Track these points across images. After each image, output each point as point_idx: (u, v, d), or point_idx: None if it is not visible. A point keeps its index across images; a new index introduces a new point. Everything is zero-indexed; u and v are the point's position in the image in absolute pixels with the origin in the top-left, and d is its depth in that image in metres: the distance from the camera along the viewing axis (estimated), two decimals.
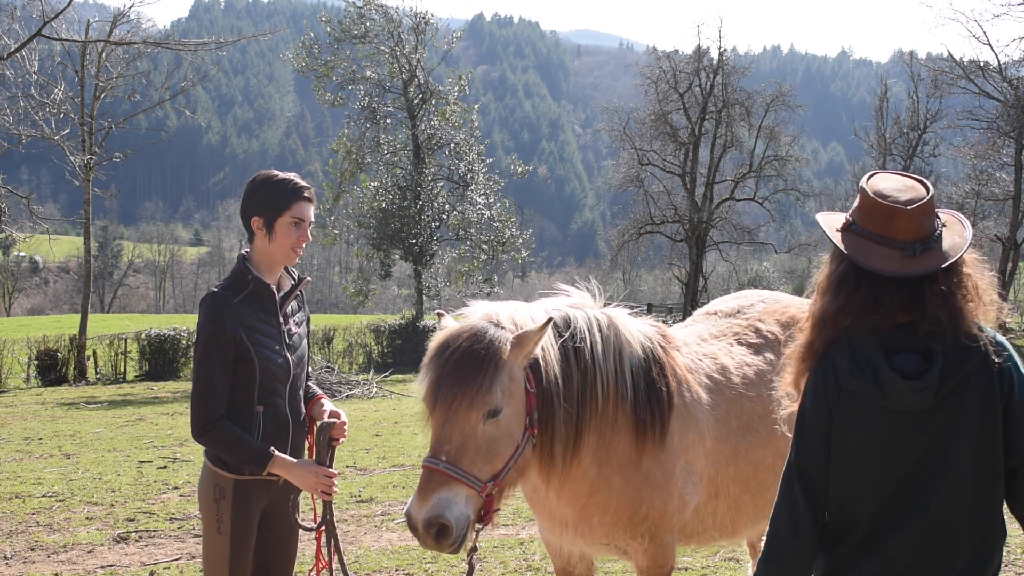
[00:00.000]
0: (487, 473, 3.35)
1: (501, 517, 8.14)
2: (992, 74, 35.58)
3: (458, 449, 3.30)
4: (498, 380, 3.35)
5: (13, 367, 26.57)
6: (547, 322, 3.47)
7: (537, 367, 3.52)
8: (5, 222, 26.10)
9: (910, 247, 2.44)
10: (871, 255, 2.46)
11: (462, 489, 3.27)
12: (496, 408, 3.35)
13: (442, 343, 3.48)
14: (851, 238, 2.51)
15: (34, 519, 8.38)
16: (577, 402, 3.62)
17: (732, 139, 39.10)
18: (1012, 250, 34.59)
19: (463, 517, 3.28)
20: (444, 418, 3.34)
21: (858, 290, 2.46)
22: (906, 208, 2.45)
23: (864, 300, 2.45)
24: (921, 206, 2.46)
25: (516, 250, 34.25)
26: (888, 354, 2.41)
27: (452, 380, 3.33)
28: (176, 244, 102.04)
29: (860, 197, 2.54)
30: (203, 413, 3.60)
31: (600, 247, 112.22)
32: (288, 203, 3.72)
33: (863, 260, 2.46)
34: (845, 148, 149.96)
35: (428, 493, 3.26)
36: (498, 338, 3.41)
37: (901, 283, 2.44)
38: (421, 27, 33.80)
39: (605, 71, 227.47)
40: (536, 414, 3.50)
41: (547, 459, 3.58)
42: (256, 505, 3.76)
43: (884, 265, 2.43)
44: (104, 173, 29.75)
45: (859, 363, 2.41)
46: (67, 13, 25.45)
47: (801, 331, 2.64)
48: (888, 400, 2.37)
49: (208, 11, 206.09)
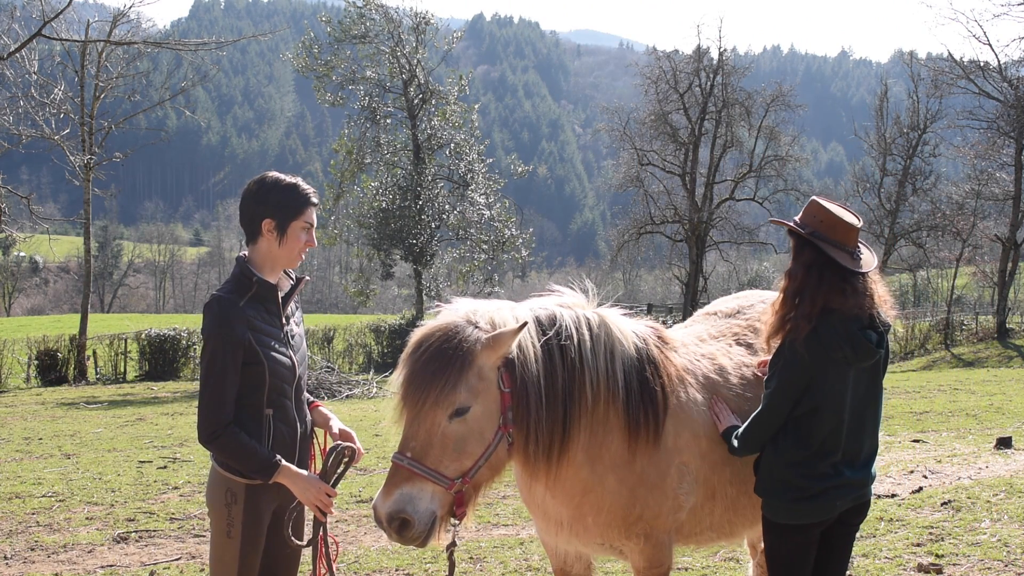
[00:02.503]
0: (454, 470, 3.39)
1: (501, 517, 8.14)
2: (992, 74, 35.55)
3: (423, 446, 3.36)
4: (463, 380, 3.37)
5: (13, 367, 26.57)
6: (522, 325, 3.48)
7: (513, 366, 3.52)
8: (5, 222, 26.10)
9: (855, 253, 3.66)
10: (838, 255, 3.60)
11: (426, 485, 3.33)
12: (462, 408, 3.38)
13: (417, 340, 3.52)
14: (819, 242, 3.62)
15: (34, 519, 8.38)
16: (563, 400, 3.62)
17: (732, 139, 39.08)
18: (1012, 250, 34.56)
19: (427, 512, 3.32)
20: (413, 415, 3.39)
21: (823, 280, 3.60)
22: (854, 227, 3.65)
23: (830, 288, 3.59)
24: (859, 228, 3.68)
25: (516, 250, 34.25)
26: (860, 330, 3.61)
27: (420, 378, 3.38)
28: (176, 244, 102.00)
29: (821, 214, 3.63)
30: (212, 419, 3.60)
31: (600, 247, 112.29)
32: (302, 208, 3.77)
33: (836, 257, 3.59)
34: (845, 148, 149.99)
35: (392, 488, 3.33)
36: (469, 338, 3.42)
37: (848, 277, 3.61)
38: (421, 27, 33.81)
39: (605, 71, 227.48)
40: (511, 413, 3.50)
41: (528, 457, 3.59)
42: (267, 510, 3.77)
43: (846, 263, 3.60)
44: (104, 173, 29.76)
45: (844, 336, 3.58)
46: (67, 13, 25.45)
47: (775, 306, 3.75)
48: (859, 361, 3.63)
49: (208, 11, 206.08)
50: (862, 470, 3.76)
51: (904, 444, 11.60)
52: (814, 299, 3.58)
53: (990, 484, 8.66)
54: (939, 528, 7.19)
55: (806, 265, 3.64)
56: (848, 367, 3.61)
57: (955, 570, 6.21)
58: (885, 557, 6.55)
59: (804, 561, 3.78)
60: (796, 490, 3.67)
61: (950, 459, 10.28)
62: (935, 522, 7.38)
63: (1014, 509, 7.63)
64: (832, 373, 3.60)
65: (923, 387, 19.85)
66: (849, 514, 3.81)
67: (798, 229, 3.66)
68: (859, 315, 3.60)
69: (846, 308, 3.58)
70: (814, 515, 3.70)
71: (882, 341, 3.69)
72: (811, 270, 3.62)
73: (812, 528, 3.73)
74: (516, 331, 3.45)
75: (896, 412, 14.95)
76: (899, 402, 16.63)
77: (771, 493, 3.74)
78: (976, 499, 8.04)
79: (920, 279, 57.71)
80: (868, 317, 3.63)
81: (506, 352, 3.48)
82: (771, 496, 3.74)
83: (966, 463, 9.99)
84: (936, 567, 6.21)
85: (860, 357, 3.60)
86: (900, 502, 8.16)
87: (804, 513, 3.69)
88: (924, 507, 7.93)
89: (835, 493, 3.67)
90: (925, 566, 6.23)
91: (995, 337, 33.15)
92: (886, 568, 6.30)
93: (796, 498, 3.67)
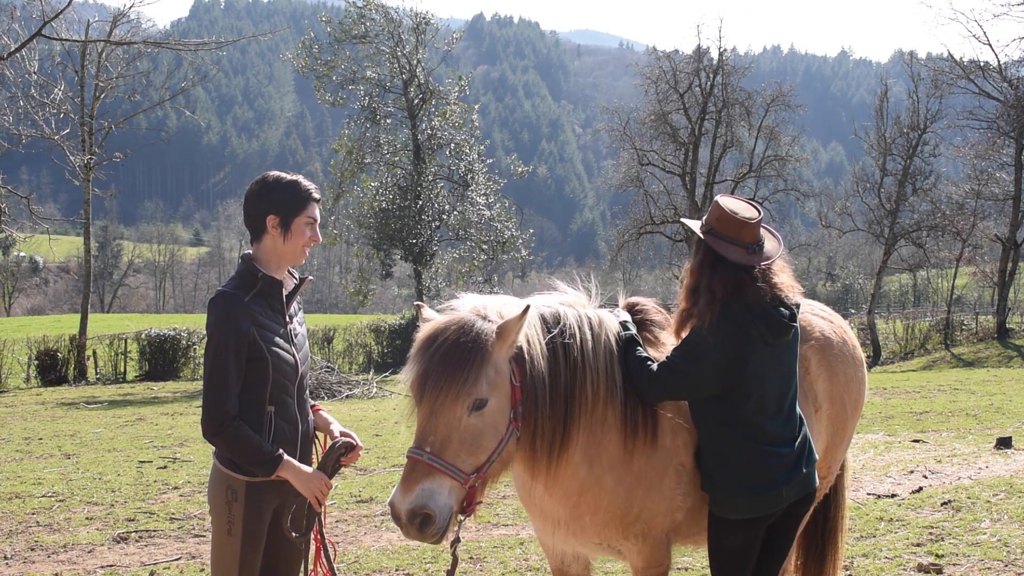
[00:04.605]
0: (470, 465, 3.39)
1: (501, 517, 8.14)
2: (992, 74, 35.55)
3: (443, 441, 3.34)
4: (484, 372, 3.38)
5: (13, 367, 26.57)
6: (525, 310, 3.48)
7: (523, 361, 3.53)
8: (5, 222, 26.11)
9: (750, 247, 3.79)
10: (727, 250, 3.77)
11: (446, 480, 3.31)
12: (482, 400, 3.38)
13: (430, 335, 3.49)
14: (712, 239, 3.80)
15: (34, 519, 8.38)
16: (565, 398, 3.63)
17: (732, 139, 39.05)
18: (1012, 250, 34.56)
19: (446, 508, 3.31)
20: (430, 410, 3.37)
21: (716, 273, 3.76)
22: (748, 222, 3.78)
23: (723, 280, 3.75)
24: (757, 222, 3.82)
25: (516, 250, 34.24)
26: (771, 310, 3.76)
27: (439, 372, 3.36)
28: (176, 244, 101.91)
29: (717, 212, 3.80)
30: (218, 413, 3.60)
31: (600, 247, 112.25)
32: (305, 204, 3.80)
33: (724, 253, 3.76)
34: (845, 148, 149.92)
35: (412, 483, 3.30)
36: (485, 330, 3.42)
37: (745, 268, 3.76)
38: (421, 27, 33.78)
39: (605, 71, 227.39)
40: (520, 408, 3.52)
41: (531, 453, 3.60)
42: (267, 507, 3.78)
43: (737, 257, 3.76)
44: (104, 173, 29.78)
45: (756, 316, 3.71)
46: (67, 13, 25.45)
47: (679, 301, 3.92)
48: (774, 339, 3.74)
49: (208, 11, 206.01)
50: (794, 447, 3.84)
51: (904, 444, 11.60)
52: (712, 292, 3.74)
53: (990, 484, 8.66)
54: (939, 528, 7.19)
55: (700, 261, 3.84)
56: (766, 347, 3.72)
57: (955, 570, 6.21)
58: (885, 557, 6.55)
59: (751, 556, 3.84)
60: (747, 481, 3.72)
61: (950, 459, 10.28)
62: (935, 522, 7.38)
63: (1014, 509, 7.63)
64: (750, 354, 3.69)
65: (923, 387, 19.85)
66: (796, 504, 3.88)
67: (694, 230, 3.88)
68: (760, 300, 3.75)
69: (744, 298, 3.74)
70: (765, 507, 3.75)
71: (793, 317, 3.82)
72: (703, 266, 3.81)
73: (762, 521, 3.80)
74: (521, 317, 3.45)
75: (896, 412, 14.95)
76: (899, 402, 16.62)
77: (720, 488, 3.77)
78: (976, 499, 8.04)
79: (920, 279, 57.68)
80: (774, 299, 3.78)
81: (514, 341, 3.49)
82: (720, 491, 3.77)
83: (966, 463, 9.99)
84: (936, 567, 6.21)
85: (775, 332, 3.72)
86: (900, 502, 8.17)
87: (756, 506, 3.74)
88: (924, 507, 7.93)
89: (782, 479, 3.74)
90: (925, 566, 6.23)
91: (995, 337, 33.16)
92: (886, 568, 6.30)
93: (746, 490, 3.72)
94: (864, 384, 4.85)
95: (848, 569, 6.26)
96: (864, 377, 4.87)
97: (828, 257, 68.82)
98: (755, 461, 3.73)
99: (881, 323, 38.82)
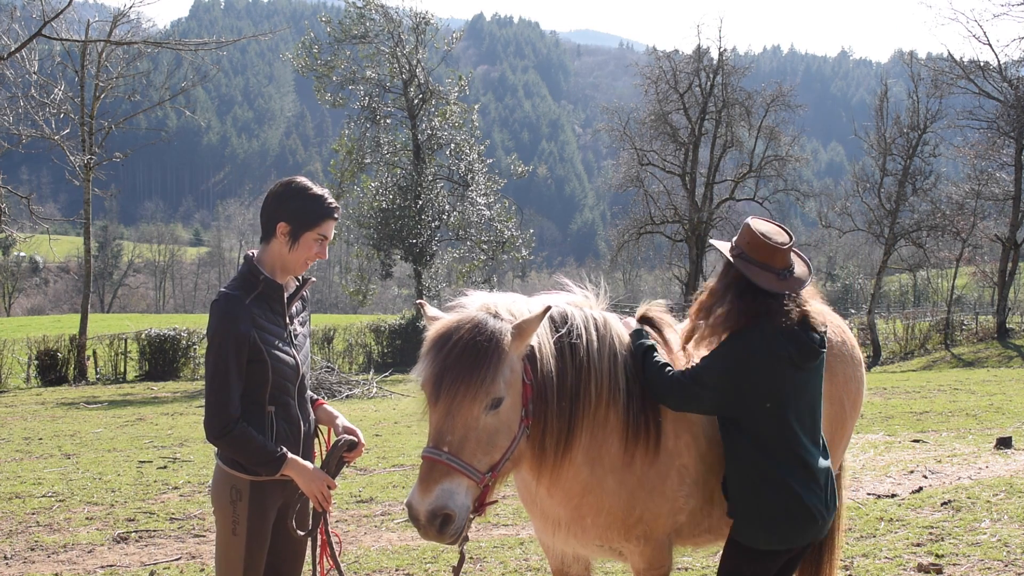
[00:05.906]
0: (486, 464, 3.37)
1: (501, 517, 8.14)
2: (992, 74, 35.55)
3: (460, 440, 3.31)
4: (501, 371, 3.36)
5: (13, 367, 26.58)
6: (545, 310, 3.47)
7: (534, 358, 3.53)
8: (5, 222, 26.10)
9: (782, 273, 3.73)
10: (758, 277, 3.70)
11: (463, 480, 3.29)
12: (498, 399, 3.36)
13: (443, 334, 3.44)
14: (743, 264, 3.73)
15: (34, 519, 8.38)
16: (571, 398, 3.63)
17: (732, 139, 39.03)
18: (1012, 250, 34.56)
19: (464, 508, 3.30)
20: (447, 410, 3.33)
21: (742, 301, 3.69)
22: (781, 247, 3.72)
23: (747, 309, 3.68)
24: (789, 247, 3.76)
25: (516, 250, 34.25)
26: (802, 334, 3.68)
27: (456, 372, 3.32)
28: (176, 244, 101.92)
29: (748, 236, 3.74)
30: (222, 416, 3.61)
31: (600, 247, 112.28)
32: (319, 220, 3.78)
33: (755, 280, 3.69)
34: (845, 148, 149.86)
35: (431, 484, 3.26)
36: (500, 329, 3.40)
37: (768, 297, 3.70)
38: (421, 27, 33.79)
39: (605, 71, 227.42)
40: (531, 406, 3.51)
41: (539, 452, 3.60)
42: (272, 506, 3.79)
43: (768, 284, 3.69)
44: (104, 173, 29.78)
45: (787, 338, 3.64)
46: (67, 13, 25.44)
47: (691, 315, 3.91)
48: (803, 363, 3.66)
49: (208, 11, 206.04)
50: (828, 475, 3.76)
51: (904, 444, 11.60)
52: (737, 315, 3.69)
53: (990, 484, 8.66)
54: (939, 528, 7.19)
55: (726, 285, 3.78)
56: (796, 370, 3.64)
57: (955, 570, 6.21)
58: (885, 557, 6.55)
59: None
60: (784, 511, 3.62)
61: (950, 459, 10.28)
62: (935, 522, 7.38)
63: (1014, 509, 7.63)
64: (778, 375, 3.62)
65: (923, 387, 19.85)
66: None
67: (726, 254, 3.80)
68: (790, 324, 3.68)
69: (773, 321, 3.67)
70: (799, 539, 3.69)
71: (822, 342, 3.76)
72: (729, 290, 3.75)
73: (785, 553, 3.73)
74: (540, 316, 3.44)
75: (896, 412, 14.95)
76: (899, 402, 16.63)
77: (750, 518, 3.68)
78: (976, 499, 8.04)
79: (920, 279, 57.68)
80: (804, 324, 3.70)
81: (530, 340, 3.48)
82: (750, 522, 3.68)
83: (966, 463, 9.99)
84: (936, 567, 6.21)
85: (805, 356, 3.65)
86: (900, 502, 8.17)
87: (788, 538, 3.66)
88: (924, 507, 7.93)
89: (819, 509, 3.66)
90: (925, 566, 6.23)
91: (995, 337, 33.16)
92: (886, 568, 6.30)
93: (784, 520, 3.63)
94: (863, 384, 4.84)
95: (848, 569, 6.26)
96: (863, 377, 4.86)
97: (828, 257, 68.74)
98: (792, 491, 3.62)
99: (881, 323, 38.83)
